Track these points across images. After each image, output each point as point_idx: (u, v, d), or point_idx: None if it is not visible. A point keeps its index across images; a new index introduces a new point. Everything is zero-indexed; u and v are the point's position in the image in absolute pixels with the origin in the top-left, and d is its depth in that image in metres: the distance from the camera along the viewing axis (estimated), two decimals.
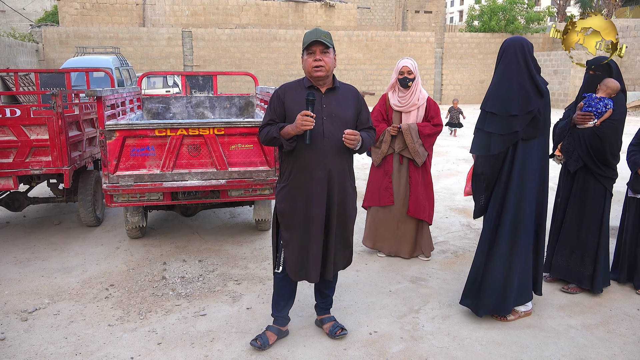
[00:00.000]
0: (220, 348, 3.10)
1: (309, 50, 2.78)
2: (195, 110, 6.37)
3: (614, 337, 3.20)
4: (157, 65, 20.23)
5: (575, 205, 3.75)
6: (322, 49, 2.77)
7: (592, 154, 3.63)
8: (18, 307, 3.65)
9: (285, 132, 2.78)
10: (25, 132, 4.55)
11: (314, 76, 2.79)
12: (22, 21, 32.10)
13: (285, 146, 2.81)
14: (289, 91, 2.89)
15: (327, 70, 2.79)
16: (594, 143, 3.60)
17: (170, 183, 4.32)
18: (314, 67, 2.76)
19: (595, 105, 3.62)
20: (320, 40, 2.73)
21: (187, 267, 4.35)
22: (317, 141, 2.78)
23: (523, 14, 24.95)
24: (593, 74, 3.73)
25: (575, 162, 3.69)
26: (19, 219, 5.91)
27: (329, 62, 2.78)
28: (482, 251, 3.32)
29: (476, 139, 3.28)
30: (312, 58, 2.77)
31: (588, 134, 3.63)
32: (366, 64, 22.38)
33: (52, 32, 19.44)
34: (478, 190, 3.36)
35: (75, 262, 4.53)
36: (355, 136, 2.78)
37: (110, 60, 11.76)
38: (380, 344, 3.14)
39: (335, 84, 2.90)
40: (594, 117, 3.62)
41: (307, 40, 2.76)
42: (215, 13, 22.86)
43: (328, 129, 2.81)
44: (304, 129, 2.69)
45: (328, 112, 2.83)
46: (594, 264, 3.73)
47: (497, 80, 3.19)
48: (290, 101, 2.85)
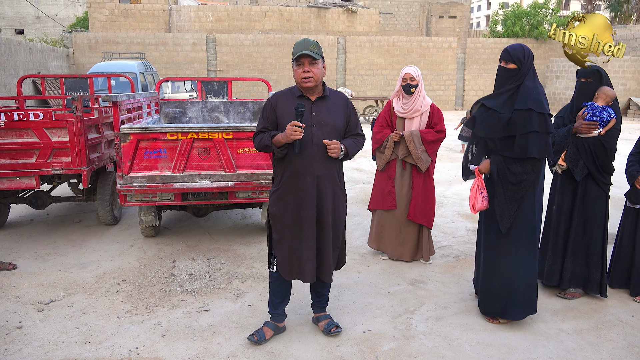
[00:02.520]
0: (219, 341, 3.26)
1: (298, 62, 2.92)
2: (210, 114, 6.60)
3: (604, 342, 3.24)
4: (182, 70, 20.70)
5: (580, 212, 3.79)
6: (310, 60, 2.90)
7: (597, 163, 3.67)
8: (36, 299, 3.89)
9: (276, 140, 2.93)
10: (47, 134, 4.82)
11: (303, 87, 2.94)
12: (55, 27, 33.27)
13: (277, 153, 2.97)
14: (280, 100, 3.04)
15: (315, 81, 2.93)
16: (599, 152, 3.65)
17: (181, 184, 4.52)
18: (303, 79, 2.91)
19: (600, 114, 3.64)
20: (308, 53, 2.87)
21: (195, 265, 4.54)
22: (307, 148, 2.93)
23: (548, 19, 24.62)
24: (585, 81, 3.78)
25: (582, 171, 3.72)
26: (42, 216, 6.22)
27: (317, 73, 2.92)
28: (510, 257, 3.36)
29: (539, 142, 3.15)
30: (301, 69, 2.91)
31: (593, 143, 3.67)
32: (387, 69, 22.42)
33: (82, 38, 20.11)
34: (512, 200, 3.26)
35: (91, 258, 4.77)
36: (335, 145, 2.92)
37: (135, 65, 12.14)
38: (372, 342, 3.25)
39: (325, 92, 3.03)
40: (599, 126, 3.66)
41: (295, 51, 2.90)
42: (238, 19, 23.27)
43: (317, 136, 2.94)
44: (293, 138, 2.84)
45: (317, 120, 2.97)
46: (601, 269, 3.77)
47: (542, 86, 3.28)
48: (282, 109, 3.00)
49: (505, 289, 3.37)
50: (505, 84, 3.26)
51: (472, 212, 3.41)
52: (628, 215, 3.91)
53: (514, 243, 3.31)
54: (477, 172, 3.38)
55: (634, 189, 3.79)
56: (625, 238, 3.91)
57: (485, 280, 3.46)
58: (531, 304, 3.38)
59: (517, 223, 3.28)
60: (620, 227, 3.99)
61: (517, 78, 3.20)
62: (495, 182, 3.27)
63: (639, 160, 3.85)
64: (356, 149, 3.11)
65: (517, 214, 3.26)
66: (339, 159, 3.06)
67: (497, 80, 3.33)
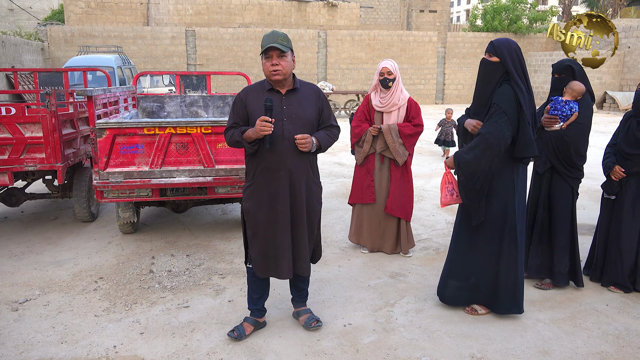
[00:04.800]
0: (199, 338, 3.23)
1: (266, 55, 2.88)
2: (189, 109, 6.52)
3: (579, 331, 3.31)
4: (161, 64, 20.42)
5: (545, 205, 3.86)
6: (278, 53, 2.87)
7: (558, 156, 3.74)
8: (10, 298, 3.80)
9: (246, 136, 2.90)
10: (20, 130, 4.70)
11: (272, 80, 2.91)
12: (29, 19, 32.46)
13: (248, 149, 2.93)
14: (250, 94, 2.99)
15: (284, 74, 2.89)
16: (560, 145, 3.71)
17: (159, 180, 4.46)
18: (271, 72, 2.88)
19: (560, 108, 3.73)
20: (276, 46, 2.83)
21: (174, 262, 4.49)
22: (278, 143, 2.90)
23: (527, 13, 24.91)
24: (558, 77, 3.84)
25: (544, 163, 3.80)
26: (17, 214, 6.08)
27: (286, 66, 2.88)
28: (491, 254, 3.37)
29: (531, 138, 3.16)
30: (269, 62, 2.88)
31: (555, 136, 3.73)
32: (368, 64, 22.45)
33: (58, 31, 19.68)
34: (473, 192, 3.25)
35: (67, 256, 4.68)
36: (306, 139, 2.89)
37: (113, 59, 11.93)
38: (353, 335, 3.26)
39: (295, 84, 3.00)
40: (560, 121, 3.73)
41: (264, 44, 2.86)
42: (218, 12, 23.03)
43: (288, 130, 2.91)
44: (263, 134, 2.81)
45: (288, 113, 2.94)
46: (573, 260, 3.84)
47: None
48: (252, 104, 2.96)
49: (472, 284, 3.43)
50: (486, 76, 3.27)
51: (440, 206, 3.46)
52: (605, 206, 3.99)
53: (485, 239, 3.33)
54: (445, 166, 3.43)
55: (610, 181, 3.86)
56: (602, 229, 3.99)
57: (448, 272, 3.52)
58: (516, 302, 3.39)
59: (492, 219, 3.28)
60: (599, 219, 4.07)
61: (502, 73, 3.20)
62: (458, 175, 3.32)
63: (615, 152, 3.92)
64: (330, 141, 3.09)
65: (490, 210, 3.25)
66: (312, 153, 3.04)
67: (479, 72, 3.35)
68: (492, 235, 3.31)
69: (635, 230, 3.80)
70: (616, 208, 3.87)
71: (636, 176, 3.77)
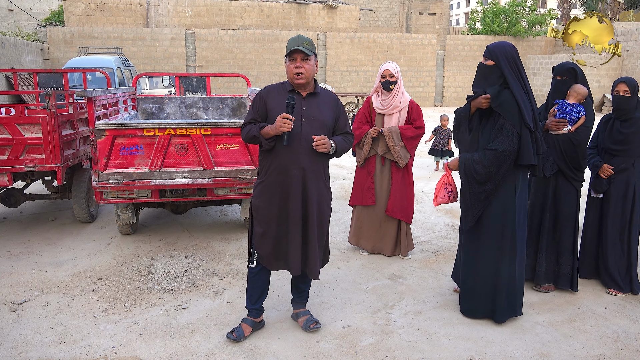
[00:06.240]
0: (198, 339, 3.23)
1: (290, 57, 2.94)
2: (188, 110, 6.52)
3: (578, 334, 3.31)
4: (161, 65, 20.42)
5: (552, 210, 3.86)
6: (302, 56, 2.92)
7: (566, 159, 3.75)
8: (8, 299, 3.80)
9: (265, 132, 2.94)
10: (20, 130, 4.70)
11: (294, 82, 2.95)
12: (29, 20, 32.46)
13: (265, 145, 2.98)
14: (272, 93, 3.06)
15: (307, 77, 2.95)
16: (568, 149, 3.72)
17: (158, 181, 4.47)
18: (295, 74, 2.93)
19: (569, 112, 3.71)
20: (301, 49, 2.88)
21: (173, 263, 4.49)
22: (295, 142, 2.94)
23: (525, 16, 24.97)
24: (560, 79, 3.84)
25: (551, 167, 3.80)
26: (16, 214, 6.08)
27: (309, 69, 2.94)
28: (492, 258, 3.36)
29: (530, 146, 3.18)
30: (293, 65, 2.93)
31: (562, 140, 3.74)
32: (368, 66, 22.48)
33: (57, 32, 19.68)
34: (477, 200, 3.27)
35: (66, 257, 4.68)
36: (323, 140, 2.93)
37: (112, 61, 11.93)
38: (351, 337, 3.26)
39: (316, 89, 3.06)
40: (568, 124, 3.73)
41: (289, 47, 2.92)
42: (218, 14, 23.04)
43: (306, 130, 2.96)
44: (283, 130, 2.85)
45: (307, 115, 2.99)
46: (572, 264, 3.86)
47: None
48: (272, 103, 3.01)
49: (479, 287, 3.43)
50: (482, 79, 3.29)
51: (434, 204, 3.56)
52: (591, 206, 4.05)
53: (488, 243, 3.33)
54: (446, 167, 3.46)
55: (598, 179, 3.91)
56: (590, 229, 4.05)
57: (463, 278, 3.52)
58: (512, 306, 3.40)
59: (491, 223, 3.29)
60: (585, 219, 4.11)
61: (498, 75, 3.21)
62: (463, 180, 3.33)
63: (598, 152, 4.01)
64: (345, 147, 3.14)
65: (489, 214, 3.27)
66: (327, 155, 3.07)
67: (476, 76, 3.37)
68: (491, 240, 3.32)
69: (624, 226, 3.88)
70: (604, 206, 3.94)
71: (623, 172, 3.83)
